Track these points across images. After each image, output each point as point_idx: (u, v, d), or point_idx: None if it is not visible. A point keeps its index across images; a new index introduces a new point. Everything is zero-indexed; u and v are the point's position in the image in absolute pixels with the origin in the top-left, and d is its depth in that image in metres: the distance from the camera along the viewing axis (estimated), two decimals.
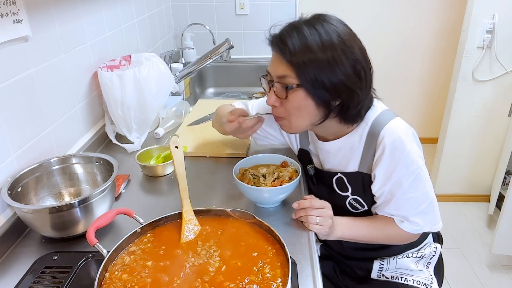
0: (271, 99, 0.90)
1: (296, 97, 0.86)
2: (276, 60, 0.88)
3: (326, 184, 1.03)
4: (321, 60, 0.82)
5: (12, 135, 0.92)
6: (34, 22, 0.98)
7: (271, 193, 0.95)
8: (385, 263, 1.07)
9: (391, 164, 0.89)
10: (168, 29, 2.22)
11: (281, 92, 0.88)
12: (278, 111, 0.92)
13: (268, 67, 0.92)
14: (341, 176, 0.99)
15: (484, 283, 2.03)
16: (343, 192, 1.00)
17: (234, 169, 1.00)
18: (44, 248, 0.88)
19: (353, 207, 1.01)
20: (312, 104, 0.87)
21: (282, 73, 0.86)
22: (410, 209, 0.93)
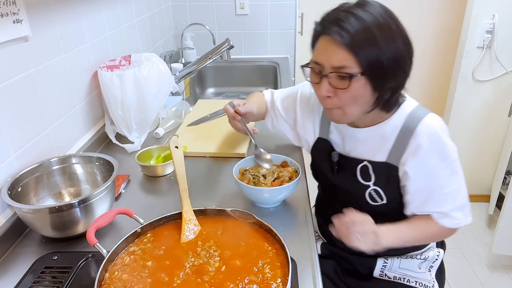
0: (324, 90, 0.84)
1: (357, 86, 0.82)
2: (331, 48, 0.81)
3: (348, 172, 1.00)
4: (382, 43, 0.79)
5: (12, 135, 0.92)
6: (34, 22, 0.98)
7: (271, 193, 0.95)
8: (389, 262, 1.07)
9: (429, 161, 0.89)
10: (168, 29, 2.22)
11: (340, 83, 0.82)
12: (332, 102, 0.86)
13: (316, 57, 0.85)
14: (366, 165, 0.96)
15: (484, 283, 2.03)
16: (365, 181, 0.97)
17: (234, 169, 1.00)
18: (44, 248, 0.88)
19: (372, 199, 0.98)
20: (370, 90, 0.83)
21: (340, 63, 0.80)
22: (449, 204, 0.92)
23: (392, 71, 0.82)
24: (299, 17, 2.34)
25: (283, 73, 2.10)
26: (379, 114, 0.93)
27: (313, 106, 1.07)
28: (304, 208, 1.00)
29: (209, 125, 1.47)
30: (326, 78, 0.84)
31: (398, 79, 0.85)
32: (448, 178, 0.90)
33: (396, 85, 0.86)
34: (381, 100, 0.87)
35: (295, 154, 1.22)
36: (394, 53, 0.81)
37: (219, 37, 2.25)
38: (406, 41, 0.84)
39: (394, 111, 0.93)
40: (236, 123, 1.11)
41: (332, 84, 0.84)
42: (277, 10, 2.26)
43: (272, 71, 2.25)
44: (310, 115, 1.08)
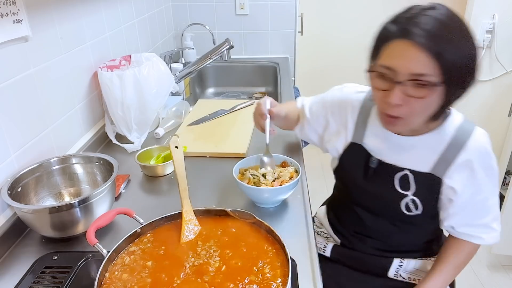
0: (396, 98, 0.78)
1: (434, 96, 0.77)
2: (411, 53, 0.75)
3: (385, 179, 0.96)
4: (462, 49, 0.76)
5: (12, 135, 0.92)
6: (34, 22, 0.98)
7: (271, 193, 0.95)
8: (405, 263, 1.06)
9: (477, 176, 0.89)
10: (168, 29, 2.22)
11: (416, 91, 0.77)
12: (400, 111, 0.81)
13: (388, 61, 0.79)
14: (407, 174, 0.93)
15: (484, 283, 2.03)
16: (403, 191, 0.94)
17: (234, 169, 1.00)
18: (44, 248, 0.88)
19: (408, 209, 0.95)
20: (441, 100, 0.79)
21: (421, 70, 0.74)
22: (491, 214, 0.94)
23: (467, 80, 0.79)
24: (299, 17, 2.34)
25: (283, 73, 2.10)
26: (427, 124, 0.90)
27: (346, 110, 1.02)
28: (304, 208, 1.00)
29: (209, 125, 1.47)
30: (400, 85, 0.77)
31: (467, 87, 0.81)
32: (491, 190, 0.92)
33: (460, 96, 0.82)
34: (444, 110, 0.84)
35: (295, 154, 1.22)
36: (471, 61, 0.78)
37: (219, 37, 2.25)
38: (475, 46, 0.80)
39: (440, 122, 0.90)
40: (261, 121, 1.10)
41: (407, 93, 0.78)
42: (277, 10, 2.26)
43: (272, 71, 2.25)
44: (342, 119, 1.03)
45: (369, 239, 1.08)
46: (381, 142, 0.97)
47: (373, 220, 1.04)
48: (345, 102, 1.03)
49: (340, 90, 1.07)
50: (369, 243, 1.08)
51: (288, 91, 1.84)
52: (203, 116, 1.52)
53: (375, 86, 0.84)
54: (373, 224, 1.05)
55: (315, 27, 2.91)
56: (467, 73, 0.78)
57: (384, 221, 1.03)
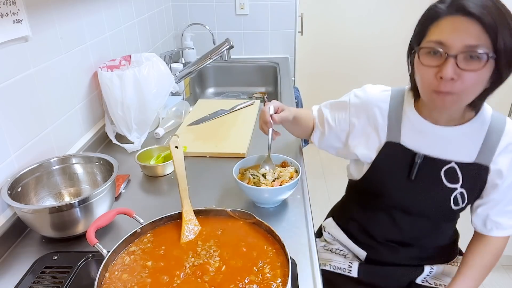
0: (450, 71, 0.78)
1: (486, 69, 0.79)
2: (464, 26, 0.77)
3: (431, 175, 0.95)
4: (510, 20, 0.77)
5: (12, 135, 0.92)
6: (34, 22, 0.98)
7: (271, 193, 0.95)
8: (435, 269, 1.06)
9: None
10: (168, 29, 2.22)
11: (469, 64, 0.78)
12: (453, 87, 0.80)
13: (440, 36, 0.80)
14: (453, 166, 0.93)
15: (484, 283, 2.02)
16: (452, 184, 0.93)
17: (234, 169, 1.00)
18: (44, 248, 0.88)
19: (456, 202, 0.94)
20: (488, 78, 0.81)
21: (476, 41, 0.76)
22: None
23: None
24: (299, 17, 2.34)
25: (283, 73, 2.10)
26: (464, 114, 0.92)
27: (374, 111, 1.00)
28: (304, 208, 1.00)
29: (209, 125, 1.47)
30: (453, 59, 0.78)
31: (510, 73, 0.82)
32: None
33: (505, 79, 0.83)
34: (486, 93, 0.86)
35: (295, 154, 1.22)
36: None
37: (219, 37, 2.25)
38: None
39: (475, 113, 0.92)
40: (266, 128, 1.02)
41: (460, 66, 0.78)
42: (277, 10, 2.26)
43: (272, 71, 2.25)
44: (370, 121, 1.00)
45: (402, 248, 1.04)
46: (420, 137, 0.95)
47: (411, 223, 1.01)
48: (372, 102, 1.00)
49: (363, 91, 1.04)
50: (401, 252, 1.04)
51: (288, 91, 1.84)
52: (203, 116, 1.52)
53: (425, 63, 0.83)
54: (410, 228, 1.02)
55: (315, 27, 2.91)
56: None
57: (423, 222, 1.01)
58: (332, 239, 1.19)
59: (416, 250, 1.05)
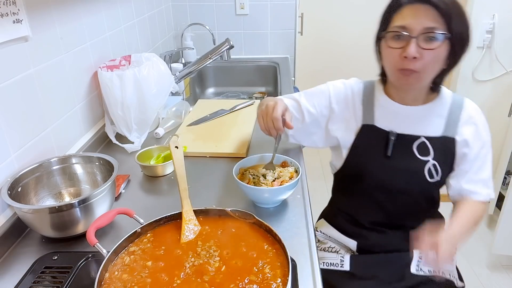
0: (413, 50, 0.91)
1: (442, 48, 0.93)
2: (422, 11, 0.92)
3: (405, 150, 1.05)
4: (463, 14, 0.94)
5: (12, 135, 0.92)
6: (34, 22, 0.98)
7: (271, 193, 0.95)
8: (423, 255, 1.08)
9: (480, 129, 1.04)
10: (168, 29, 2.22)
11: (428, 44, 0.92)
12: (416, 65, 0.94)
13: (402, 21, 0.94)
14: (424, 141, 1.04)
15: (484, 283, 2.03)
16: (424, 157, 1.04)
17: (234, 169, 1.00)
18: (44, 248, 0.88)
19: (430, 175, 1.04)
20: (445, 57, 0.95)
21: (433, 24, 0.91)
22: (487, 171, 1.05)
23: (465, 44, 0.96)
24: (299, 17, 2.34)
25: (283, 73, 2.10)
26: (427, 95, 1.05)
27: (352, 96, 1.11)
28: (304, 208, 0.99)
29: (209, 125, 1.47)
30: (415, 39, 0.92)
31: (462, 54, 0.97)
32: (489, 147, 1.05)
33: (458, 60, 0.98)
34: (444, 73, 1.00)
35: (295, 154, 1.22)
36: (467, 28, 0.95)
37: (219, 37, 2.25)
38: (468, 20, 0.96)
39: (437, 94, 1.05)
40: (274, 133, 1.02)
41: (421, 45, 0.92)
42: (277, 10, 2.26)
43: (272, 71, 2.25)
44: (348, 106, 1.11)
45: (389, 230, 1.10)
46: (392, 117, 1.07)
47: (393, 202, 1.08)
48: (349, 91, 1.12)
49: (340, 82, 1.15)
50: (389, 235, 1.10)
51: (288, 91, 1.84)
52: (203, 116, 1.52)
53: (391, 46, 0.96)
54: (394, 208, 1.08)
55: (315, 27, 2.91)
56: (465, 37, 0.96)
57: (404, 201, 1.07)
58: (324, 238, 1.21)
59: (404, 233, 1.07)
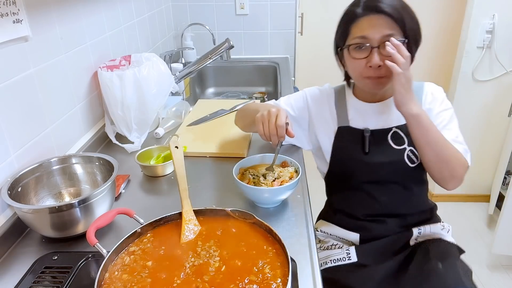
0: (377, 59, 0.98)
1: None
2: (378, 22, 0.98)
3: (381, 144, 1.09)
4: (413, 15, 1.01)
5: (12, 135, 0.92)
6: (34, 22, 0.98)
7: (271, 193, 0.95)
8: (422, 229, 1.13)
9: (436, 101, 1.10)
10: (168, 29, 2.22)
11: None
12: (381, 71, 1.00)
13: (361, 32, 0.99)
14: (396, 130, 1.09)
15: (484, 283, 2.03)
16: (399, 146, 1.09)
17: (234, 169, 1.00)
18: (44, 248, 0.88)
19: (411, 160, 1.08)
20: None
21: (390, 31, 0.97)
22: (452, 136, 1.06)
23: (419, 39, 1.04)
24: (299, 17, 2.34)
25: (283, 73, 2.10)
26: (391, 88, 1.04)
27: (326, 100, 1.17)
28: (304, 208, 0.99)
29: (209, 125, 1.47)
30: (377, 49, 0.98)
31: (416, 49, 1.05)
32: (450, 119, 1.09)
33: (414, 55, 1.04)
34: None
35: (295, 154, 1.22)
36: (418, 25, 1.02)
37: (219, 37, 2.25)
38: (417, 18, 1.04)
39: None
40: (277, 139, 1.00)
41: (383, 53, 0.98)
42: (277, 10, 2.26)
43: (272, 71, 2.25)
44: (324, 110, 1.17)
45: (388, 219, 1.12)
46: (363, 116, 1.13)
47: (385, 192, 1.11)
48: (323, 94, 1.19)
49: (315, 88, 1.22)
50: (389, 223, 1.12)
51: (288, 91, 1.84)
52: (203, 116, 1.52)
53: (355, 57, 1.02)
54: (387, 197, 1.11)
55: (315, 27, 2.91)
56: (418, 34, 1.03)
57: (394, 189, 1.11)
58: (325, 237, 1.21)
59: (402, 220, 1.13)
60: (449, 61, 2.57)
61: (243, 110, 1.28)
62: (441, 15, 2.53)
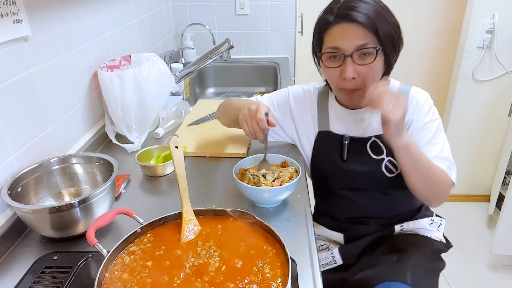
0: (350, 70, 0.94)
1: (378, 61, 0.95)
2: (351, 30, 0.93)
3: (360, 153, 1.06)
4: (389, 20, 0.95)
5: (12, 135, 0.92)
6: (34, 22, 0.98)
7: (271, 193, 0.95)
8: (405, 225, 1.13)
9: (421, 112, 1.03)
10: (168, 29, 2.22)
11: (364, 60, 0.94)
12: (356, 83, 0.97)
13: (334, 42, 0.95)
14: (375, 140, 1.05)
15: (484, 283, 2.03)
16: (378, 156, 1.05)
17: (234, 169, 1.00)
18: (44, 248, 0.88)
19: (389, 171, 1.05)
20: (383, 66, 0.97)
21: (363, 40, 0.93)
22: (436, 151, 1.01)
23: (397, 44, 0.98)
24: (299, 17, 2.34)
25: (283, 73, 2.10)
26: None
27: (310, 103, 1.15)
28: (304, 208, 0.99)
29: (209, 125, 1.47)
30: (350, 58, 0.94)
31: (398, 52, 1.00)
32: (435, 132, 1.03)
33: (396, 58, 1.00)
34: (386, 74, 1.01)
35: (295, 154, 1.22)
36: (396, 28, 0.97)
37: (219, 37, 2.25)
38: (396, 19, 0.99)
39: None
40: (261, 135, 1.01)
41: (357, 62, 0.94)
42: (277, 10, 2.26)
43: (272, 71, 2.25)
44: (306, 112, 1.15)
45: (372, 219, 1.12)
46: (344, 122, 1.10)
47: (365, 197, 1.10)
48: (306, 94, 1.16)
49: (299, 87, 1.19)
50: (372, 223, 1.12)
51: None
52: (203, 116, 1.52)
53: (328, 66, 0.99)
54: (368, 202, 1.10)
55: None
56: (396, 39, 0.98)
57: (374, 195, 1.09)
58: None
59: (385, 219, 1.13)
60: (449, 61, 2.57)
61: (224, 107, 1.26)
62: (441, 15, 2.53)
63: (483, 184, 2.64)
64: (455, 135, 2.48)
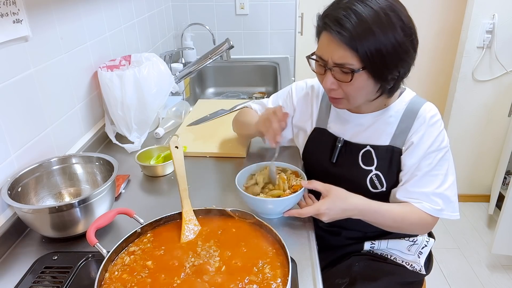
0: (328, 83, 0.89)
1: (360, 80, 0.86)
2: (332, 45, 0.84)
3: (350, 158, 1.01)
4: (381, 37, 0.81)
5: (12, 135, 0.92)
6: (34, 22, 0.98)
7: (275, 204, 0.91)
8: (376, 243, 1.09)
9: (427, 139, 0.93)
10: (168, 29, 2.22)
11: (343, 77, 0.86)
12: (336, 93, 0.91)
13: (319, 51, 0.90)
14: (369, 149, 0.99)
15: (484, 283, 2.03)
16: (367, 166, 0.99)
17: (236, 179, 0.96)
18: (44, 248, 0.88)
19: (373, 185, 0.99)
20: (372, 82, 0.87)
21: (342, 60, 0.84)
22: (433, 187, 0.94)
23: (393, 62, 0.85)
24: (299, 17, 2.34)
25: (283, 73, 2.10)
26: (383, 101, 0.97)
27: (312, 97, 1.10)
28: None
29: (209, 125, 1.47)
30: (330, 71, 0.88)
31: (400, 69, 0.87)
32: (439, 161, 0.94)
33: (399, 74, 0.88)
34: (385, 89, 0.91)
35: (296, 159, 1.22)
36: (395, 45, 0.83)
37: (219, 37, 2.24)
38: (408, 32, 0.85)
39: (396, 97, 0.98)
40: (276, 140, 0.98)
41: (336, 77, 0.88)
42: (277, 10, 2.26)
43: (272, 71, 2.25)
44: (308, 106, 1.11)
45: (344, 230, 1.10)
46: (343, 124, 1.04)
47: None
48: (309, 88, 1.12)
49: (304, 83, 1.15)
50: (344, 234, 1.10)
51: None
52: (203, 116, 1.52)
53: (316, 71, 0.95)
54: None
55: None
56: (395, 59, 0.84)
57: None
58: None
59: (358, 232, 1.09)
60: (449, 61, 2.57)
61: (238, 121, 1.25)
62: (441, 15, 2.53)
63: (483, 184, 2.64)
64: (455, 135, 2.48)
